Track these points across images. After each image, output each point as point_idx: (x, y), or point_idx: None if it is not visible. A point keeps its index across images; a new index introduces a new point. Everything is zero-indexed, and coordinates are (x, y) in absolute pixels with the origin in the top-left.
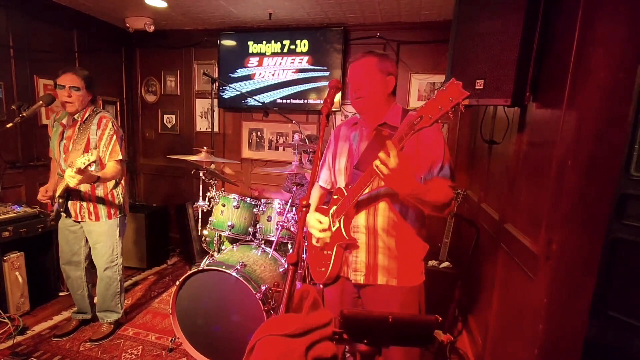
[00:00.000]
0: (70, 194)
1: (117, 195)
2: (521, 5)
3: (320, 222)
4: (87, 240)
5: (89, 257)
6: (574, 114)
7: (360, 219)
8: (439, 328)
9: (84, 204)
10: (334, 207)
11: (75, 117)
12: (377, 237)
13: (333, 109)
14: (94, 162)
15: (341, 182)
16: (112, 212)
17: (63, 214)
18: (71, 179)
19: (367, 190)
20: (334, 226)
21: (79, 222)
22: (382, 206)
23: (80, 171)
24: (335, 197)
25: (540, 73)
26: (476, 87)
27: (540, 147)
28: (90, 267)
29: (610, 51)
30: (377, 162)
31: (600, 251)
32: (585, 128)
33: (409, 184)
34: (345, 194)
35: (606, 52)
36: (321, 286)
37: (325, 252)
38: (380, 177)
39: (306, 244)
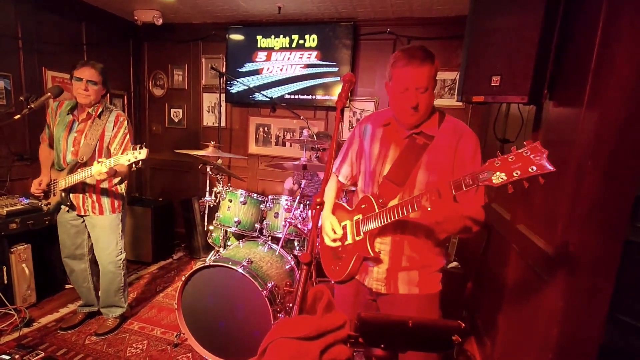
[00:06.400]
0: (73, 186)
1: (121, 189)
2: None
3: (335, 232)
4: (89, 234)
5: (92, 249)
6: (594, 112)
7: (388, 229)
8: (462, 335)
9: (88, 197)
10: (359, 216)
11: (90, 110)
12: (403, 248)
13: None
14: (143, 160)
15: (366, 187)
16: (116, 205)
17: (64, 207)
18: (100, 173)
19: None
20: (357, 236)
21: (81, 216)
22: (413, 219)
23: (117, 167)
24: (363, 206)
25: (559, 70)
26: (492, 84)
27: (557, 146)
28: (94, 260)
29: (634, 47)
30: (426, 203)
31: (620, 254)
32: (607, 127)
33: (459, 225)
34: (376, 210)
35: (630, 49)
36: (332, 282)
37: (343, 256)
38: (423, 214)
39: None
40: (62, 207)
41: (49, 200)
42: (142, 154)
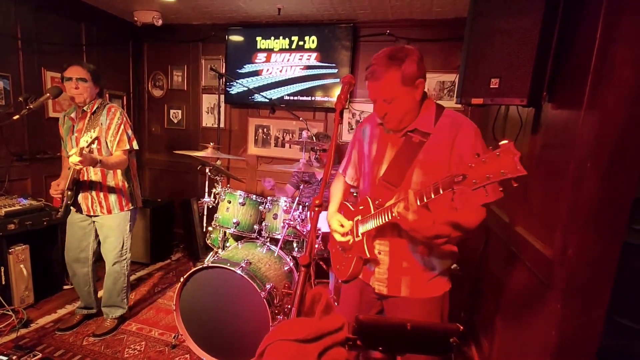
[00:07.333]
0: (81, 187)
1: (129, 187)
2: (540, 1)
3: (342, 226)
4: (96, 236)
5: (96, 253)
6: (594, 114)
7: (387, 230)
8: (461, 337)
9: (95, 197)
10: (358, 217)
11: (85, 108)
12: (402, 248)
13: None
14: (96, 138)
15: (366, 188)
16: (124, 203)
17: (73, 209)
18: (75, 162)
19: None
20: (356, 237)
21: (90, 217)
22: None
23: (82, 151)
24: (361, 207)
25: (558, 72)
26: (491, 86)
27: (556, 148)
28: (96, 263)
29: (635, 49)
30: (396, 213)
31: (617, 256)
32: (606, 129)
33: (429, 234)
34: (372, 211)
35: (631, 50)
36: (340, 281)
37: (347, 255)
38: (400, 225)
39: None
40: (72, 208)
41: (63, 204)
42: (95, 131)
